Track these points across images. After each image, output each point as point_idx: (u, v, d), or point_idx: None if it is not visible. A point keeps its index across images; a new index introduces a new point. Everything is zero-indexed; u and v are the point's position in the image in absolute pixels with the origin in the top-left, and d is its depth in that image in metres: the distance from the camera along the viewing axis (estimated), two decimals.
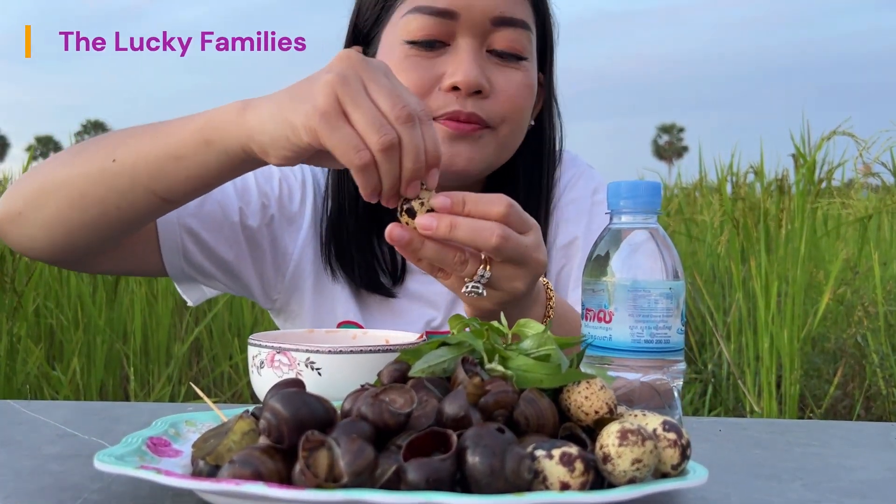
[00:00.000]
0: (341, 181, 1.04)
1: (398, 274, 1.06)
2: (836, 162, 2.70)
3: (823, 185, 2.67)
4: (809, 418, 2.48)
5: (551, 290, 0.84)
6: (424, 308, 1.06)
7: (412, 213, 0.72)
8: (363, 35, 1.04)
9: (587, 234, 1.06)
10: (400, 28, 0.98)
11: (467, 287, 0.74)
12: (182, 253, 0.98)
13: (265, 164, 0.78)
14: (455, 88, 0.95)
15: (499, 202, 0.72)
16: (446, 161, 0.94)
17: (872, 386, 2.55)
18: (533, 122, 1.05)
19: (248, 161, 0.78)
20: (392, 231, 0.72)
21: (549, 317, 0.83)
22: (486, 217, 0.71)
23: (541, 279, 0.82)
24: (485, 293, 0.74)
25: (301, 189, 1.07)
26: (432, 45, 0.96)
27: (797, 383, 2.42)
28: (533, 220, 0.75)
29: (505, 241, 0.71)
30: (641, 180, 0.70)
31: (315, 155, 0.73)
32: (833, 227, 3.25)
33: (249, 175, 1.03)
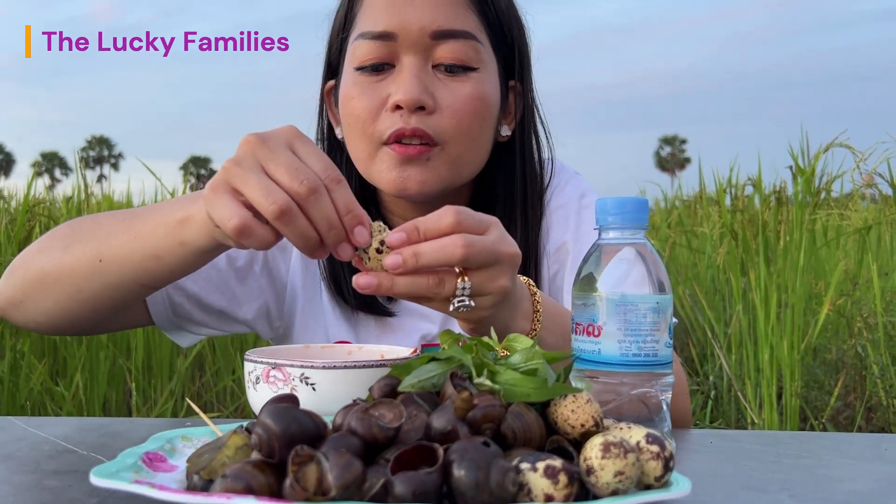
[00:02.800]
0: None
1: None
2: (835, 174, 2.70)
3: (822, 196, 2.67)
4: (812, 430, 2.48)
5: (533, 286, 0.83)
6: (419, 322, 1.07)
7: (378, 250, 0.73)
8: (333, 68, 1.08)
9: (576, 237, 1.07)
10: (350, 56, 1.01)
11: (454, 304, 0.73)
12: (171, 309, 1.02)
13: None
14: (399, 107, 0.95)
15: (446, 214, 0.72)
16: (399, 186, 0.96)
17: (873, 397, 2.55)
18: (508, 134, 1.05)
19: (224, 248, 0.82)
20: (358, 281, 0.72)
21: (538, 311, 0.82)
22: (441, 233, 0.71)
23: (520, 277, 0.82)
24: (473, 303, 0.74)
25: None
26: (378, 69, 0.98)
27: (798, 395, 2.42)
28: (489, 217, 0.75)
29: (470, 247, 0.71)
30: (628, 197, 0.71)
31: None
32: (832, 239, 3.25)
33: None
